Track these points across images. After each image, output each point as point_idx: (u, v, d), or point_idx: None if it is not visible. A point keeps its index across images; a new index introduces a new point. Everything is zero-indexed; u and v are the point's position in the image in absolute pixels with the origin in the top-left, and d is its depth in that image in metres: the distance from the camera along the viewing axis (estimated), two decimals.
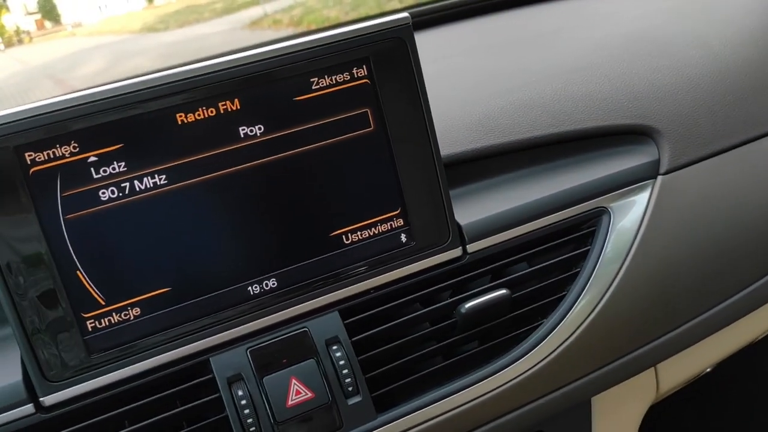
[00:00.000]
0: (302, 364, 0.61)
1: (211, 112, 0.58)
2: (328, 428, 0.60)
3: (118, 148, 0.55)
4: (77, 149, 0.54)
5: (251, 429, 0.58)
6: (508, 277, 0.68)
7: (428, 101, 0.64)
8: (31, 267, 0.54)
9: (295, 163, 0.60)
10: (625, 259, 0.70)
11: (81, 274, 0.56)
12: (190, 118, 0.57)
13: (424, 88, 0.64)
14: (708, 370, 0.87)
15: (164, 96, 0.56)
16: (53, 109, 0.53)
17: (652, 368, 0.79)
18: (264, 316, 0.61)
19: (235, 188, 0.59)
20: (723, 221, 0.75)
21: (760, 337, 0.90)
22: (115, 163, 0.55)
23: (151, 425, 0.57)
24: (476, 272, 0.68)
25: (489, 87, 0.82)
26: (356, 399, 0.61)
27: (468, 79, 0.88)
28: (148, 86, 0.55)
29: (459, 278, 0.67)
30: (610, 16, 1.07)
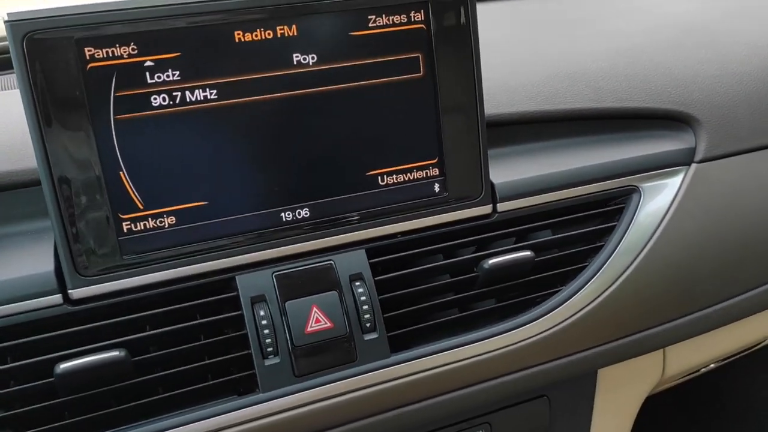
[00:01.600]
0: (324, 294, 0.62)
1: (269, 34, 0.58)
2: (343, 359, 0.61)
3: (174, 57, 0.56)
4: (135, 51, 0.55)
5: (269, 349, 0.59)
6: (533, 241, 0.69)
7: (480, 56, 0.64)
8: (76, 161, 0.55)
9: (343, 97, 0.61)
10: (649, 239, 0.71)
11: (123, 176, 0.57)
12: (248, 37, 0.58)
13: (478, 42, 0.64)
14: (712, 366, 0.88)
15: (226, 11, 0.56)
16: (118, 7, 0.54)
17: (661, 350, 0.80)
18: (293, 243, 0.62)
19: (281, 113, 0.60)
20: (750, 216, 0.76)
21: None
22: (170, 70, 0.56)
23: (170, 333, 0.59)
24: (502, 232, 0.68)
25: (533, 57, 0.83)
26: (373, 335, 0.62)
27: (513, 49, 0.88)
28: None
29: (485, 235, 0.68)
30: (657, 8, 1.06)
